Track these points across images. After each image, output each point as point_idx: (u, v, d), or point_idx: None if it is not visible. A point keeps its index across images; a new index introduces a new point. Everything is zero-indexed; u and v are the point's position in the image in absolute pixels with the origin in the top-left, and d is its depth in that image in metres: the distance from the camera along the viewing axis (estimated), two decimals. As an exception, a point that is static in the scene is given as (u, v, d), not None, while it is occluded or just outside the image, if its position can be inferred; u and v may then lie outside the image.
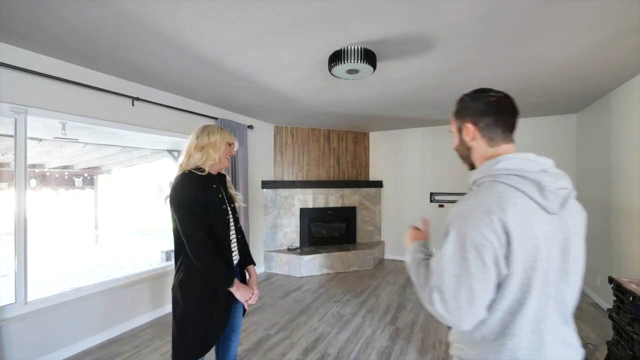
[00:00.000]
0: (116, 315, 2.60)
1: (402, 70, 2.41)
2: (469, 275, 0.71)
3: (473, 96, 0.88)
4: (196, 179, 1.36)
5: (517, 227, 0.70)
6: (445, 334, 2.61)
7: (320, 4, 1.54)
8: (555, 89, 2.87)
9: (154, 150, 6.45)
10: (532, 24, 1.72)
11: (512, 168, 0.76)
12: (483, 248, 0.70)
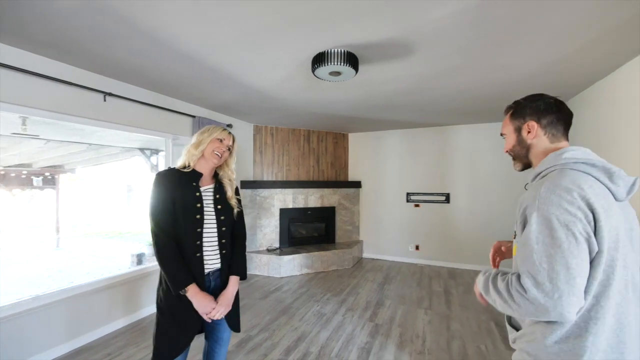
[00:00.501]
0: (84, 323, 2.45)
1: (384, 73, 2.49)
2: (563, 253, 0.69)
3: (531, 99, 0.94)
4: (172, 176, 1.36)
5: (599, 205, 0.70)
6: (422, 327, 2.72)
7: (306, 6, 1.56)
8: (529, 94, 3.08)
9: (124, 149, 6.15)
10: (508, 34, 1.84)
11: (579, 157, 0.79)
12: (572, 224, 0.70)
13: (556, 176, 0.77)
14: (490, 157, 4.52)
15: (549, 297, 0.68)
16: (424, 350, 2.36)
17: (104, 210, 11.22)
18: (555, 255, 0.69)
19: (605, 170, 0.76)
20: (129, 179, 10.73)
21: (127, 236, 9.45)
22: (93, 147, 5.64)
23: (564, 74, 2.49)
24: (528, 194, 0.81)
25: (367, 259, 5.18)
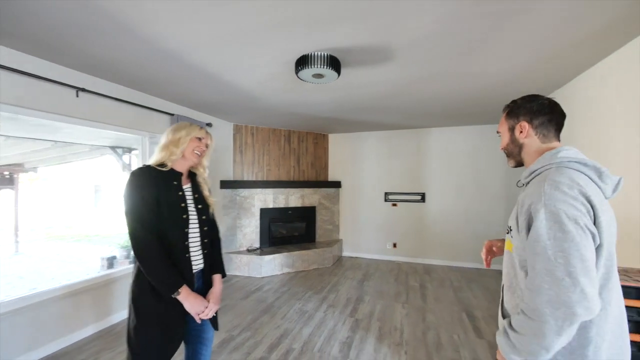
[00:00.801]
0: (52, 330, 2.33)
1: (364, 77, 2.58)
2: (577, 246, 0.70)
3: (526, 99, 0.97)
4: (151, 174, 1.29)
5: (597, 201, 0.75)
6: (400, 320, 2.85)
7: (293, 10, 1.61)
8: (492, 101, 3.31)
9: (94, 147, 5.84)
10: (478, 44, 1.99)
11: (572, 156, 0.83)
12: (579, 217, 0.72)
13: (554, 174, 0.80)
14: (463, 158, 4.78)
15: (572, 292, 0.68)
16: (401, 341, 2.48)
17: (69, 212, 10.54)
18: (570, 249, 0.70)
19: (596, 170, 0.81)
20: (97, 179, 10.17)
21: (96, 239, 8.96)
22: (59, 144, 5.32)
23: (528, 82, 2.71)
24: (530, 191, 0.82)
25: (346, 257, 5.29)
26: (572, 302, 0.69)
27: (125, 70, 2.47)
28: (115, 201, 10.29)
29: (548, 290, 0.72)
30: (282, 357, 2.25)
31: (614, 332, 0.77)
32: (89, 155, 6.41)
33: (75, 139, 4.81)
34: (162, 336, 1.26)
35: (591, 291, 0.69)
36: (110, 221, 10.50)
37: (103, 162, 7.57)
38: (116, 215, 10.40)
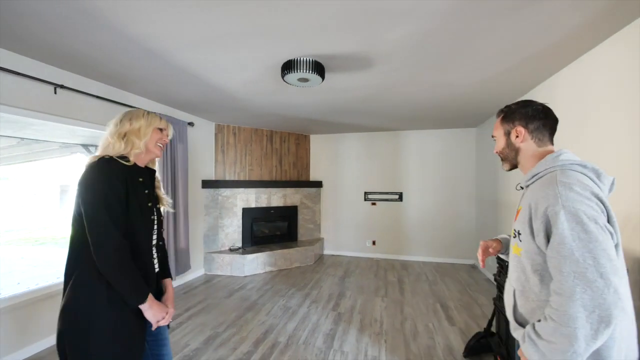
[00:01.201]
0: (28, 334, 2.27)
1: (346, 82, 2.72)
2: (602, 245, 0.70)
3: (521, 104, 1.00)
4: (117, 168, 1.12)
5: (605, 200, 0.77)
6: (379, 312, 3.01)
7: (278, 18, 1.70)
8: (463, 106, 3.57)
9: (64, 145, 5.57)
10: (447, 57, 2.18)
11: (573, 159, 0.85)
12: (597, 218, 0.73)
13: (562, 176, 0.80)
14: (437, 159, 5.06)
15: (607, 294, 0.67)
16: (381, 331, 2.63)
17: (32, 214, 9.89)
18: (596, 249, 0.70)
19: (595, 171, 0.83)
20: (63, 179, 9.62)
21: (62, 242, 8.48)
22: (25, 142, 5.04)
23: (493, 90, 2.97)
24: (540, 194, 0.82)
25: (327, 256, 5.41)
26: (608, 303, 0.67)
27: (106, 67, 2.44)
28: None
29: (582, 294, 0.69)
30: (269, 350, 2.32)
31: (629, 330, 0.78)
32: (58, 154, 6.09)
33: (45, 136, 4.59)
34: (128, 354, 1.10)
35: (623, 291, 0.69)
36: (80, 223, 9.95)
37: (72, 160, 7.21)
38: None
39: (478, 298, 3.40)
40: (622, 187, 1.79)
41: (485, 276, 4.19)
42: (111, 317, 1.06)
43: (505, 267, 1.72)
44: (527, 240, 0.87)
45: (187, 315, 2.93)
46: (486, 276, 4.17)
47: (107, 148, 1.17)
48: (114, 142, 1.17)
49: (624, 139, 1.76)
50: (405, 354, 2.28)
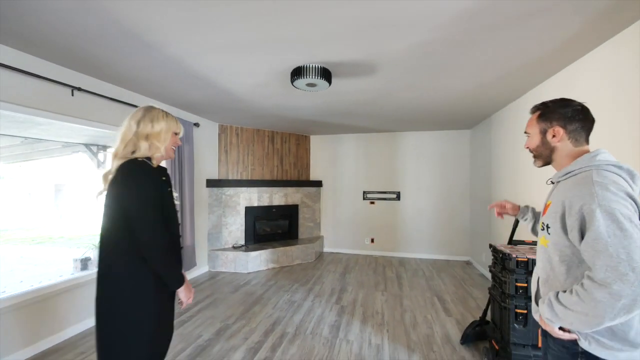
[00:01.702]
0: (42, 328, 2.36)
1: (350, 86, 2.86)
2: (636, 242, 0.75)
3: (559, 104, 0.99)
4: (150, 169, 1.21)
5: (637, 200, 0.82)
6: (380, 305, 3.17)
7: (291, 30, 1.84)
8: (458, 109, 3.75)
9: (67, 144, 5.62)
10: (446, 65, 2.35)
11: (610, 160, 0.88)
12: (632, 216, 0.78)
13: (597, 176, 0.85)
14: (433, 160, 5.25)
15: (637, 286, 0.72)
16: (383, 322, 2.79)
17: (28, 213, 9.83)
18: (630, 246, 0.75)
19: (629, 172, 0.86)
20: (63, 178, 9.57)
21: (61, 241, 8.47)
22: (28, 141, 5.08)
23: (487, 95, 3.15)
24: (575, 192, 0.87)
25: (327, 253, 5.56)
26: (635, 294, 0.74)
27: (122, 71, 2.55)
28: (85, 201, 9.76)
29: (613, 285, 0.76)
30: (278, 340, 2.46)
31: None
32: (59, 153, 6.14)
33: (50, 135, 4.64)
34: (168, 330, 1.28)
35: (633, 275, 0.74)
36: (77, 222, 9.94)
37: (73, 160, 7.23)
38: (86, 216, 9.86)
39: (472, 292, 3.58)
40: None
41: (479, 271, 4.39)
42: (157, 300, 1.20)
43: (499, 259, 1.89)
44: (558, 233, 0.92)
45: (197, 309, 3.05)
46: (480, 271, 4.36)
47: (129, 146, 1.22)
48: (139, 143, 1.22)
49: (603, 140, 1.95)
50: (407, 342, 2.44)
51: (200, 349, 2.31)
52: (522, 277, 1.72)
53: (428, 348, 2.35)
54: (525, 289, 1.70)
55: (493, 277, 2.00)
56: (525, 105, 3.07)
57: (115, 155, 1.22)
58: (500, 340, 1.86)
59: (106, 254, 1.18)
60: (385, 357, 2.23)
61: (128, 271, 1.16)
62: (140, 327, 1.16)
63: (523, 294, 1.71)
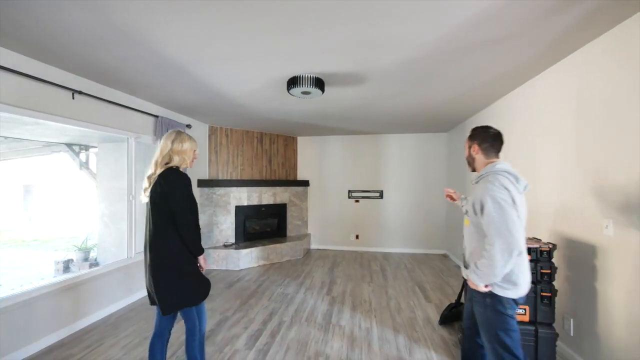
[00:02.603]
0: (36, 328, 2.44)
1: (341, 94, 3.11)
2: (510, 215, 1.29)
3: (481, 129, 1.55)
4: (185, 174, 1.68)
5: (515, 195, 1.34)
6: (367, 295, 3.45)
7: (289, 44, 2.05)
8: (437, 115, 4.11)
9: (48, 144, 5.49)
10: (426, 77, 2.65)
11: (504, 168, 1.42)
12: (507, 200, 1.31)
13: (493, 179, 1.38)
14: (414, 160, 5.62)
15: (511, 240, 1.27)
16: (371, 309, 3.06)
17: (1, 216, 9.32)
18: (506, 217, 1.29)
19: (514, 177, 1.41)
20: (33, 179, 9.15)
21: (35, 244, 8.13)
22: (8, 140, 4.93)
23: (461, 103, 3.51)
24: (479, 188, 1.43)
25: (315, 250, 5.80)
26: (512, 246, 1.27)
27: (122, 76, 2.65)
28: (62, 202, 9.38)
29: (499, 243, 1.29)
30: (276, 327, 2.67)
31: (525, 265, 1.42)
32: (38, 152, 5.96)
33: (35, 135, 4.55)
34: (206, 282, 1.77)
35: (520, 239, 1.29)
36: (52, 224, 9.55)
37: (52, 160, 6.99)
38: (61, 217, 9.48)
39: (449, 281, 3.95)
40: (553, 182, 2.35)
41: (455, 263, 4.79)
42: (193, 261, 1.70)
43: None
44: (471, 216, 1.48)
45: (195, 304, 3.18)
46: (456, 263, 4.77)
47: (165, 158, 1.67)
48: (173, 156, 1.69)
49: (558, 134, 2.32)
50: (392, 325, 2.72)
51: (204, 338, 2.47)
52: (489, 261, 2.04)
53: (411, 329, 2.65)
54: (492, 271, 2.03)
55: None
56: (494, 112, 3.46)
57: (156, 163, 1.68)
58: (472, 317, 2.18)
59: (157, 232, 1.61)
60: (374, 337, 2.50)
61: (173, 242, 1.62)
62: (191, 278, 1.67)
63: (490, 276, 2.04)
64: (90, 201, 6.67)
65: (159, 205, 1.60)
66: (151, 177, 1.66)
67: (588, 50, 2.01)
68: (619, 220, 1.77)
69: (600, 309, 1.91)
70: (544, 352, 1.94)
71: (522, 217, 1.37)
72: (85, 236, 5.23)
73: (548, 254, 1.96)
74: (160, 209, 1.61)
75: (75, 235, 7.18)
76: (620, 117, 1.77)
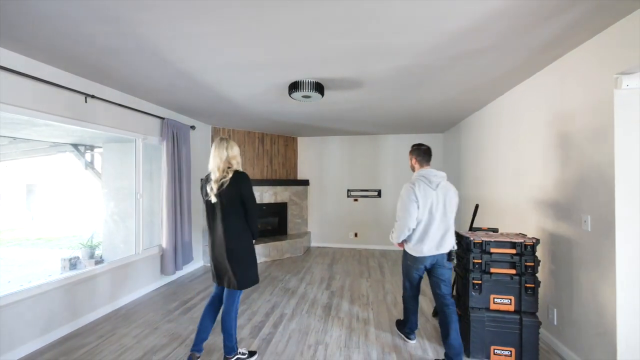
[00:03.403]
0: (58, 319, 2.58)
1: (339, 97, 3.26)
2: (407, 205, 2.11)
3: (417, 146, 2.30)
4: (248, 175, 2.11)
5: (419, 193, 2.11)
6: (365, 289, 3.60)
7: (292, 54, 2.19)
8: (432, 116, 4.26)
9: (54, 144, 5.62)
10: (422, 82, 2.79)
11: (422, 174, 2.18)
12: (409, 195, 2.11)
13: (411, 181, 2.19)
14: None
15: (403, 222, 2.13)
16: (368, 302, 3.22)
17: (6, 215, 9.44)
18: (402, 206, 2.14)
19: (427, 179, 2.14)
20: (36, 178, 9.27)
21: (39, 242, 8.27)
22: (17, 141, 5.06)
23: (455, 106, 3.66)
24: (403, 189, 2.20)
25: (314, 247, 5.95)
26: (404, 223, 2.13)
27: (134, 81, 2.79)
28: (66, 202, 9.51)
29: (399, 220, 2.16)
30: (278, 319, 2.82)
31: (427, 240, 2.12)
32: (45, 153, 6.10)
33: (42, 136, 4.68)
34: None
35: (410, 220, 2.10)
36: (56, 223, 9.68)
37: (57, 160, 7.12)
38: (65, 217, 9.63)
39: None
40: (537, 179, 2.50)
41: (450, 260, 4.94)
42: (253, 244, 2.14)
43: (462, 242, 2.36)
44: None
45: (200, 298, 3.33)
46: (451, 260, 4.92)
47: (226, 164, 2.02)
48: (231, 161, 2.04)
49: (542, 136, 2.47)
50: (388, 317, 2.87)
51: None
52: (477, 254, 2.18)
53: (406, 320, 2.80)
54: (480, 264, 2.17)
55: (457, 257, 2.46)
56: (487, 114, 3.61)
57: (219, 169, 1.99)
58: (462, 307, 2.32)
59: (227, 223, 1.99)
60: (371, 328, 2.65)
61: (239, 231, 2.03)
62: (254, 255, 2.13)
63: (479, 268, 2.17)
64: (95, 200, 6.81)
65: (234, 201, 1.98)
66: (219, 180, 1.97)
67: (568, 59, 2.16)
68: (596, 216, 1.92)
69: (575, 299, 2.07)
70: (527, 339, 2.09)
71: (427, 205, 2.10)
72: (90, 234, 5.38)
73: (532, 248, 2.11)
74: (234, 204, 1.99)
75: (79, 234, 7.32)
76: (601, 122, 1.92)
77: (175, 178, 3.81)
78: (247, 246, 2.05)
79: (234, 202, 1.97)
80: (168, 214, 3.65)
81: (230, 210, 1.98)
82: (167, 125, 3.69)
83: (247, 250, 2.05)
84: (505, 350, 2.13)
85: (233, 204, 1.98)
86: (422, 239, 2.11)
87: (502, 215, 3.16)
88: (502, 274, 2.16)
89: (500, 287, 2.16)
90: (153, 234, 3.89)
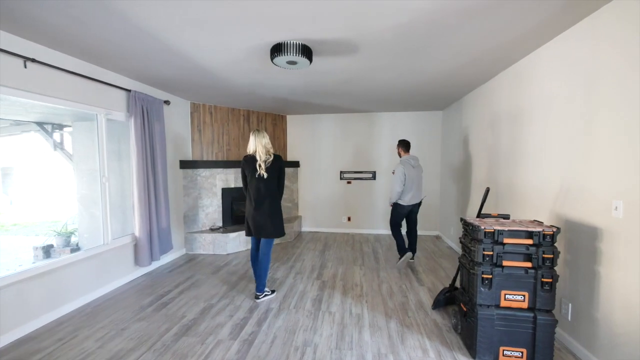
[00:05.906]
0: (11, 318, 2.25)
1: (331, 65, 2.84)
2: (399, 179, 3.54)
3: (402, 141, 3.77)
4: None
5: (407, 170, 3.56)
6: (359, 278, 3.35)
7: (271, 5, 1.77)
8: (432, 91, 3.87)
9: (16, 122, 5.08)
10: (423, 47, 2.39)
11: (406, 158, 3.65)
12: (400, 173, 3.54)
13: (402, 163, 3.61)
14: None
15: (395, 187, 3.56)
16: (362, 293, 2.97)
17: (-27, 200, 8.86)
18: (396, 179, 3.56)
19: (408, 162, 3.62)
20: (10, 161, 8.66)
21: (14, 229, 7.81)
22: (-31, 119, 4.51)
23: (459, 77, 3.28)
24: (397, 167, 3.62)
25: (306, 232, 5.68)
26: (394, 191, 3.59)
27: (82, 42, 2.32)
28: (40, 185, 8.97)
29: (394, 186, 3.58)
30: (263, 315, 2.54)
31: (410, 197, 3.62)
32: (7, 132, 5.54)
33: (-4, 113, 4.15)
34: None
35: (399, 187, 3.55)
36: (32, 208, 9.17)
37: (23, 140, 6.55)
38: (41, 201, 9.11)
39: (442, 263, 3.88)
40: (555, 161, 2.20)
41: (447, 244, 4.73)
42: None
43: (469, 230, 2.07)
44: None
45: (178, 291, 3.04)
46: (448, 244, 4.71)
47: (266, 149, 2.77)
48: (269, 148, 2.79)
49: (564, 110, 2.15)
50: (384, 310, 2.63)
51: (186, 328, 2.34)
52: (488, 246, 1.90)
53: (403, 314, 2.56)
54: (491, 256, 1.90)
55: (463, 247, 2.19)
56: (493, 87, 3.25)
57: (264, 152, 2.75)
58: (468, 303, 2.07)
59: (268, 191, 2.76)
60: (365, 324, 2.40)
61: (275, 196, 2.82)
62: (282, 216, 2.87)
63: (489, 261, 1.90)
64: (68, 184, 6.35)
65: (273, 175, 2.77)
66: (267, 161, 2.73)
67: (599, 16, 1.79)
68: (631, 200, 1.63)
69: (596, 293, 1.82)
70: (541, 338, 1.85)
71: (410, 177, 3.56)
72: (65, 221, 4.99)
73: (551, 238, 1.83)
74: (274, 177, 2.78)
75: (58, 220, 6.90)
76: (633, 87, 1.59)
77: (148, 158, 3.40)
78: (280, 207, 2.85)
79: (274, 176, 2.77)
80: (140, 199, 3.27)
81: (271, 181, 2.75)
82: (134, 99, 3.23)
83: (280, 210, 2.85)
84: (515, 351, 1.90)
85: (273, 177, 2.76)
86: (406, 195, 3.59)
87: (512, 200, 2.88)
88: (515, 267, 1.89)
89: (512, 282, 1.90)
90: (126, 221, 3.53)
